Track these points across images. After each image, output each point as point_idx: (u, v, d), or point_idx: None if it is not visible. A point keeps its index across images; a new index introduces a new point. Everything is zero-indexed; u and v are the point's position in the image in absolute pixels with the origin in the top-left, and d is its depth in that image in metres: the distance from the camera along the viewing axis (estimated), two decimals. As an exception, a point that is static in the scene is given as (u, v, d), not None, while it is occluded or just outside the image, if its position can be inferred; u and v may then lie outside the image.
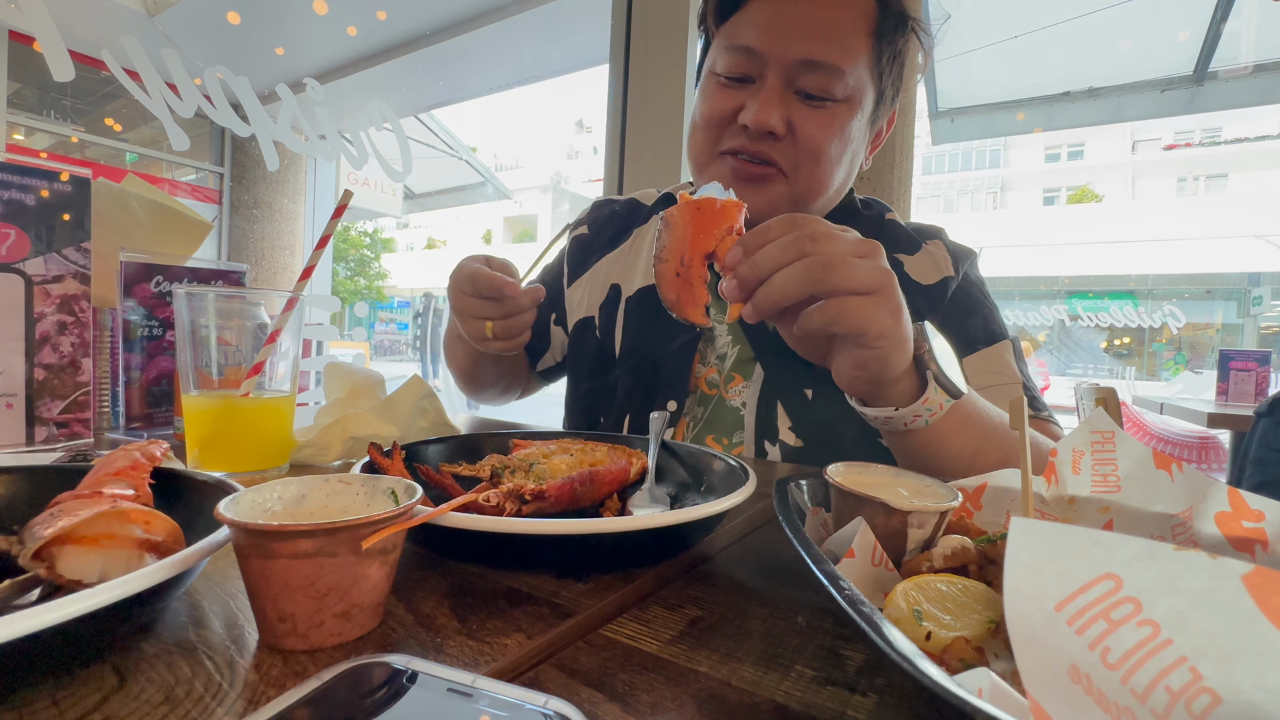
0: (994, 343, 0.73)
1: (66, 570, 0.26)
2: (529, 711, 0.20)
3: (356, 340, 4.90)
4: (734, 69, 0.70)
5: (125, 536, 0.28)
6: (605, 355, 0.85)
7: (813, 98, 0.68)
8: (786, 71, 0.68)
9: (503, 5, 3.96)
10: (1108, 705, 0.17)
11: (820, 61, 0.66)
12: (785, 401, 0.74)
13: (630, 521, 0.35)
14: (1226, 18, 3.35)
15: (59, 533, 0.26)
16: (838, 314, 0.45)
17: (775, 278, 0.44)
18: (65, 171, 0.74)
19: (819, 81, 0.67)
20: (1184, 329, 14.19)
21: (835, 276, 0.44)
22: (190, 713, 0.22)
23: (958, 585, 0.28)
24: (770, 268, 0.44)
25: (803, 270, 0.44)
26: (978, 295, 0.78)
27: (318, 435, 0.58)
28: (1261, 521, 0.31)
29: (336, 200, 0.57)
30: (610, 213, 0.94)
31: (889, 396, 0.52)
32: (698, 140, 0.75)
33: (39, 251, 0.71)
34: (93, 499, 0.29)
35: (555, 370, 0.97)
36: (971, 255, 0.81)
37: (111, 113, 5.33)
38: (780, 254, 0.44)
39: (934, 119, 4.48)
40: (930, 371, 0.51)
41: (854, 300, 0.45)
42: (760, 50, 0.68)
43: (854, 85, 0.68)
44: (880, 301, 0.45)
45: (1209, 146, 19.05)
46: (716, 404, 0.79)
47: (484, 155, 29.72)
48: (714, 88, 0.73)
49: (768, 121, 0.67)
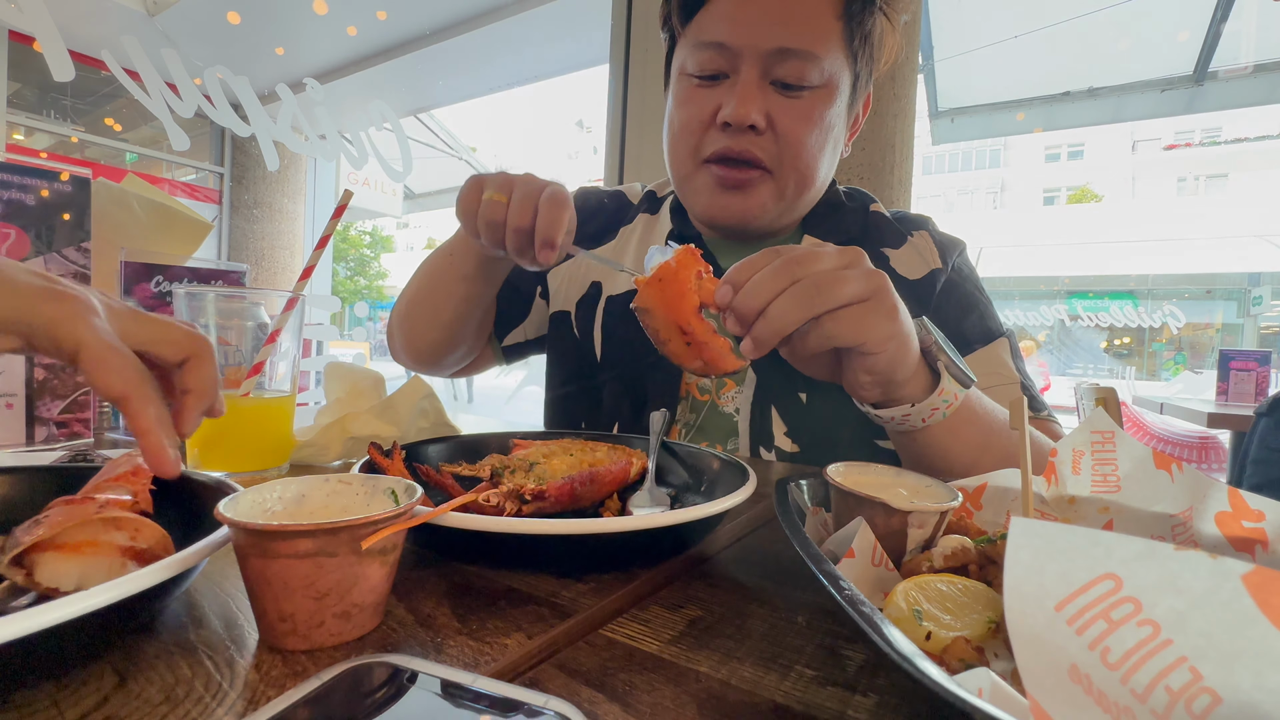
0: (991, 340, 0.73)
1: (44, 578, 0.26)
2: (529, 711, 0.20)
3: (356, 340, 4.90)
4: (706, 66, 0.69)
5: (107, 544, 0.27)
6: (587, 357, 0.83)
7: (790, 87, 0.68)
8: (761, 62, 0.67)
9: (503, 5, 3.97)
10: (1108, 705, 0.17)
11: (794, 49, 0.66)
12: (779, 406, 0.73)
13: (630, 521, 0.35)
14: (1226, 18, 3.36)
15: (37, 539, 0.26)
16: (834, 330, 0.44)
17: (770, 309, 0.43)
18: (65, 171, 0.74)
19: (795, 69, 0.66)
20: (1184, 329, 14.19)
21: (828, 294, 0.43)
22: (190, 713, 0.22)
23: (958, 585, 0.28)
24: (765, 296, 0.44)
25: (796, 295, 0.43)
26: (971, 291, 0.77)
27: (318, 435, 0.58)
28: (1261, 521, 0.31)
29: (336, 200, 0.57)
30: (597, 203, 0.92)
31: (902, 395, 0.51)
32: (678, 149, 0.74)
33: (39, 251, 0.72)
34: (83, 504, 0.29)
35: (521, 349, 0.92)
36: (959, 245, 0.80)
37: (111, 113, 5.33)
38: (771, 281, 0.44)
39: (934, 119, 4.49)
40: (941, 363, 0.51)
41: (848, 312, 0.44)
42: (732, 44, 0.67)
43: (830, 70, 0.68)
44: (874, 307, 0.45)
45: (1209, 146, 19.05)
46: (709, 410, 0.78)
47: (484, 155, 29.75)
48: (687, 90, 0.72)
49: (748, 115, 0.66)
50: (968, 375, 0.52)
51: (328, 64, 4.80)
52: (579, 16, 3.89)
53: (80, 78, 1.32)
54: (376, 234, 16.01)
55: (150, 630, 0.27)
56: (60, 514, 0.28)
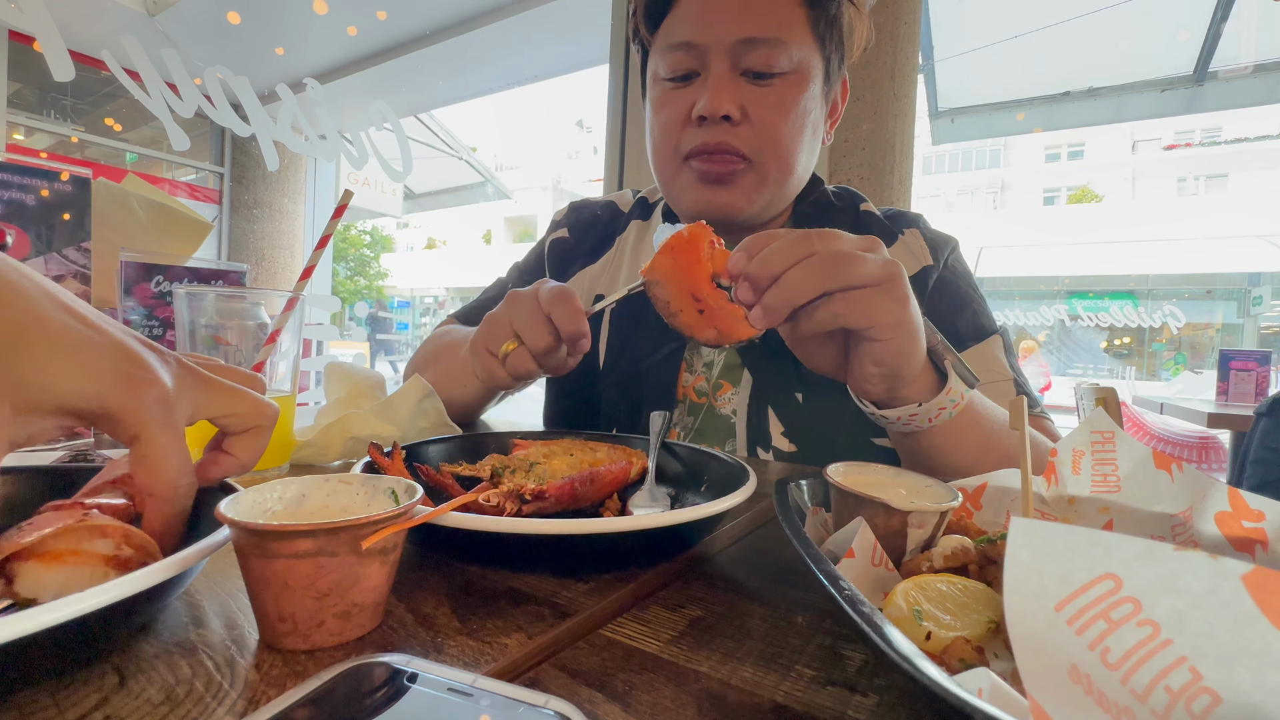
0: (985, 338, 0.73)
1: (23, 588, 0.25)
2: (529, 711, 0.20)
3: (357, 340, 4.90)
4: (677, 67, 0.70)
5: (90, 553, 0.27)
6: (589, 367, 0.83)
7: (760, 76, 0.68)
8: (729, 55, 0.68)
9: (503, 5, 3.96)
10: (1108, 705, 0.17)
11: (759, 37, 0.67)
12: (776, 406, 0.73)
13: (630, 521, 0.35)
14: (1226, 18, 3.36)
15: (18, 547, 0.25)
16: (846, 308, 0.44)
17: (786, 276, 0.43)
18: (65, 171, 0.75)
19: (763, 57, 0.67)
20: (1184, 329, 14.19)
21: (846, 271, 0.43)
22: (191, 712, 0.22)
23: (958, 585, 0.28)
24: (780, 265, 0.44)
25: (812, 266, 0.43)
26: (965, 289, 0.77)
27: (318, 435, 0.58)
28: (1261, 521, 0.31)
29: (336, 200, 0.57)
30: (591, 216, 0.92)
31: (908, 394, 0.51)
32: (660, 151, 0.75)
33: (39, 251, 0.72)
34: (71, 509, 0.29)
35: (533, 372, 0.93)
36: (951, 243, 0.80)
37: (111, 113, 5.33)
38: (788, 250, 0.44)
39: (934, 119, 4.49)
40: (949, 362, 0.50)
41: (861, 293, 0.44)
42: (699, 41, 0.68)
43: (798, 56, 0.68)
44: (888, 291, 0.45)
45: (1209, 146, 19.05)
46: (707, 412, 0.78)
47: (484, 155, 29.72)
48: (662, 94, 0.73)
49: (721, 106, 0.67)
50: (973, 375, 0.51)
51: (328, 64, 4.80)
52: (579, 16, 3.89)
53: (80, 78, 1.32)
54: (376, 234, 16.02)
55: (150, 630, 0.27)
56: (45, 520, 0.27)
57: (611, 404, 0.80)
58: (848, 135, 1.61)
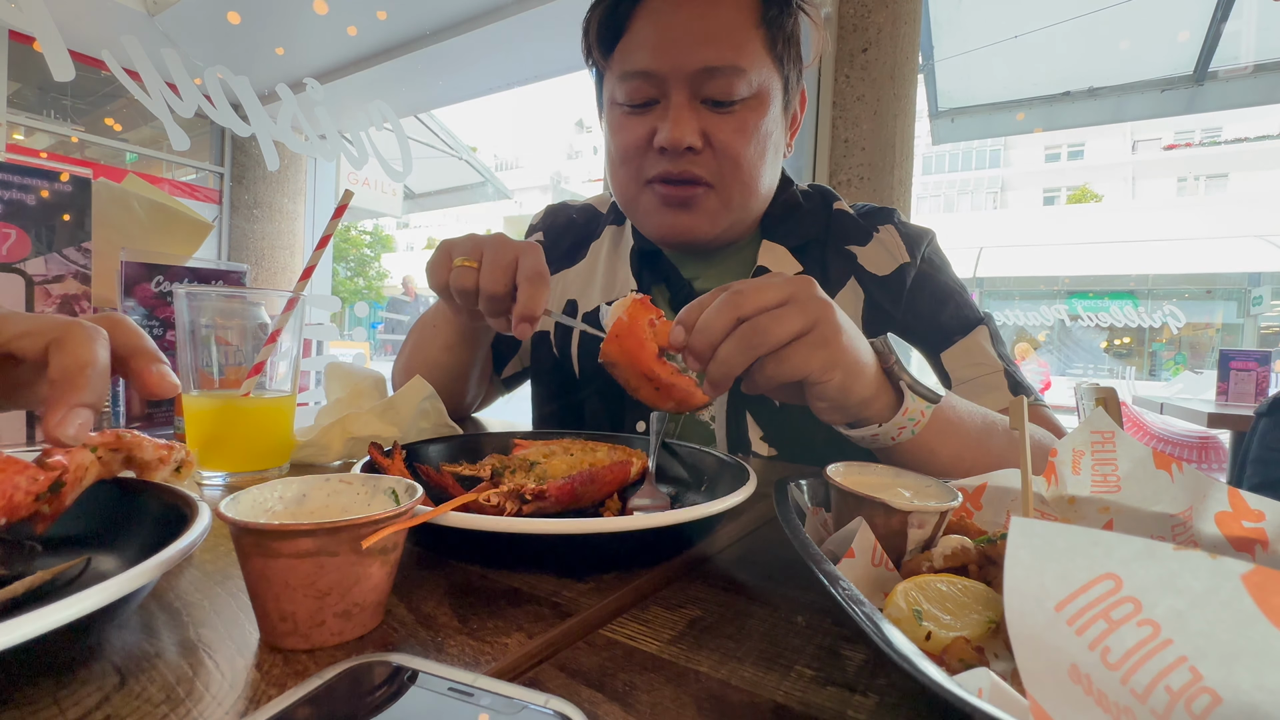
0: (970, 329, 0.73)
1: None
2: (529, 711, 0.20)
3: (357, 340, 4.90)
4: (635, 96, 0.69)
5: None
6: (566, 375, 0.83)
7: (721, 104, 0.68)
8: (689, 84, 0.67)
9: (503, 5, 3.96)
10: (1108, 705, 0.17)
11: (719, 66, 0.66)
12: (754, 411, 0.74)
13: (630, 521, 0.35)
14: (1226, 18, 3.36)
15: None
16: (776, 370, 0.45)
17: (719, 353, 0.44)
18: (65, 171, 0.75)
19: (723, 86, 0.67)
20: (1184, 329, 14.18)
21: (765, 336, 0.44)
22: (191, 712, 0.22)
23: (958, 585, 0.28)
24: (718, 333, 0.44)
25: (738, 342, 0.44)
26: (944, 281, 0.77)
27: (318, 435, 0.58)
28: (1261, 521, 0.31)
29: (337, 200, 0.57)
30: (567, 220, 0.93)
31: (868, 415, 0.51)
32: (620, 175, 0.74)
33: (39, 251, 0.72)
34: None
35: (519, 377, 0.95)
36: (927, 235, 0.80)
37: (111, 113, 5.33)
38: (716, 320, 0.44)
39: (934, 119, 4.49)
40: (904, 382, 0.50)
41: (788, 350, 0.45)
42: (657, 70, 0.67)
43: (758, 81, 0.68)
44: (814, 339, 0.45)
45: (1209, 146, 19.05)
46: (686, 420, 0.78)
47: (484, 155, 29.74)
48: (621, 119, 0.72)
49: (683, 139, 0.66)
50: (933, 392, 0.51)
51: (328, 64, 4.80)
52: (579, 16, 3.87)
53: (80, 78, 1.32)
54: (377, 234, 16.01)
55: (151, 630, 0.27)
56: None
57: (594, 413, 0.81)
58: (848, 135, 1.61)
